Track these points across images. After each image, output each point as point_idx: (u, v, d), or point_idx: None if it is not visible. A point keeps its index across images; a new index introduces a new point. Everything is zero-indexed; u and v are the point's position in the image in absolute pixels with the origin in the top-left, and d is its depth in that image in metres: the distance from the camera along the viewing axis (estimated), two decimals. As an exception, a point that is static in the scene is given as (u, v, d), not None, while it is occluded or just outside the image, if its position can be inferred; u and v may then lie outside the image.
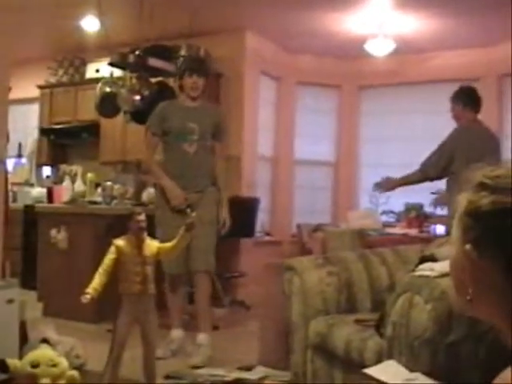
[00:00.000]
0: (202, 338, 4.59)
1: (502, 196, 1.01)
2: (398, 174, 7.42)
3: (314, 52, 8.24)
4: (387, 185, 5.71)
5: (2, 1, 3.84)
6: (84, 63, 8.45)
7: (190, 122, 4.73)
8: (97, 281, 3.23)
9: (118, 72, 6.80)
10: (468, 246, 1.05)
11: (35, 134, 8.73)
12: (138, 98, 6.13)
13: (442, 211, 6.51)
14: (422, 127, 8.09)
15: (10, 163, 8.03)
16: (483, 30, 6.97)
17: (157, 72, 6.52)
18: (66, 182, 7.11)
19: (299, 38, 7.64)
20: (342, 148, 8.72)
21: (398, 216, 7.35)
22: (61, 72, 8.59)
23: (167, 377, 3.91)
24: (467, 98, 5.25)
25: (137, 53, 6.24)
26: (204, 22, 6.78)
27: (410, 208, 7.05)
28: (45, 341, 3.40)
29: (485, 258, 1.02)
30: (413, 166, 5.65)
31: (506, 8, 5.88)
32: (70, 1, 6.38)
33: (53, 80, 8.64)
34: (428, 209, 6.81)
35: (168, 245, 3.49)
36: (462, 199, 1.08)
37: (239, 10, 6.83)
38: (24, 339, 3.71)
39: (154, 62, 6.29)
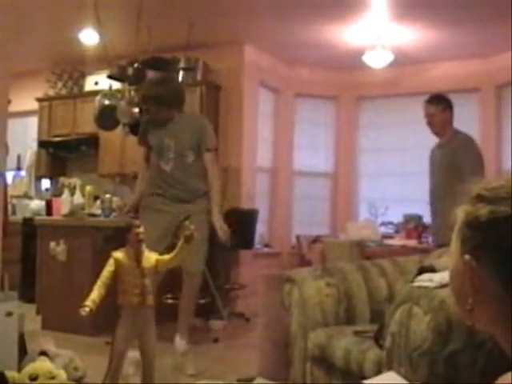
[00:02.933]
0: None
1: (500, 206, 1.02)
2: (396, 184, 7.43)
3: (312, 64, 8.26)
4: None
5: (0, 13, 3.85)
6: (83, 76, 8.47)
7: (166, 138, 4.60)
8: (95, 293, 3.23)
9: (116, 84, 6.82)
10: (467, 256, 1.05)
11: (34, 146, 8.74)
12: (136, 110, 6.13)
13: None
14: (421, 138, 8.08)
15: (9, 176, 8.03)
16: (481, 40, 6.99)
17: (155, 84, 6.52)
18: (65, 195, 7.09)
19: (297, 50, 7.67)
20: (340, 159, 8.73)
21: (396, 227, 7.35)
22: (60, 85, 8.61)
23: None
24: (452, 108, 5.07)
25: (135, 65, 6.25)
26: (202, 34, 6.80)
27: (408, 219, 7.05)
28: (43, 353, 3.40)
29: (484, 268, 1.03)
30: (411, 176, 5.63)
31: (504, 19, 5.91)
32: (68, 14, 6.41)
33: (52, 93, 8.66)
34: (427, 220, 6.80)
35: (166, 257, 3.49)
36: (460, 211, 1.09)
37: (238, 23, 6.85)
38: (23, 352, 3.70)
39: (152, 74, 6.30)
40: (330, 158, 8.79)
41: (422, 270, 2.61)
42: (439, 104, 5.04)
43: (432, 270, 2.53)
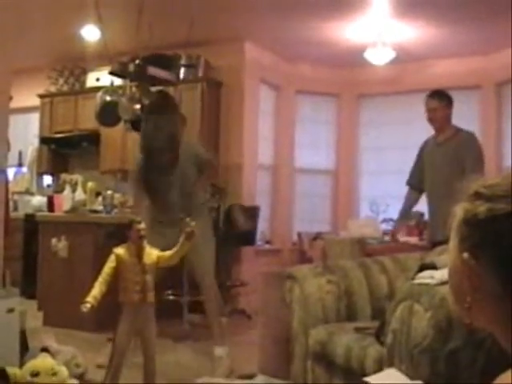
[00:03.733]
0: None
1: (497, 203, 1.02)
2: (398, 182, 7.42)
3: (313, 61, 8.25)
4: None
5: (2, 10, 3.85)
6: (84, 72, 8.47)
7: (171, 179, 4.53)
8: (96, 289, 3.24)
9: (118, 81, 6.82)
10: (466, 255, 1.05)
11: (36, 142, 8.74)
12: (138, 106, 6.13)
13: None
14: (421, 135, 8.07)
15: (11, 172, 8.04)
16: (481, 38, 6.98)
17: (157, 81, 6.53)
18: (67, 191, 7.11)
19: (298, 47, 7.67)
20: (341, 156, 8.73)
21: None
22: (61, 81, 8.61)
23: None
24: (452, 104, 5.02)
25: (137, 62, 6.25)
26: (203, 31, 6.80)
27: (409, 216, 7.05)
28: (45, 350, 3.40)
29: (483, 266, 1.03)
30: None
31: (504, 16, 5.90)
32: (69, 10, 6.41)
33: (53, 89, 8.66)
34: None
35: (167, 253, 3.49)
36: (459, 209, 1.09)
37: (238, 20, 6.85)
38: (24, 348, 3.71)
39: (153, 70, 6.30)
40: (331, 156, 8.79)
41: (423, 267, 2.61)
42: (442, 99, 5.01)
43: (433, 267, 2.54)
